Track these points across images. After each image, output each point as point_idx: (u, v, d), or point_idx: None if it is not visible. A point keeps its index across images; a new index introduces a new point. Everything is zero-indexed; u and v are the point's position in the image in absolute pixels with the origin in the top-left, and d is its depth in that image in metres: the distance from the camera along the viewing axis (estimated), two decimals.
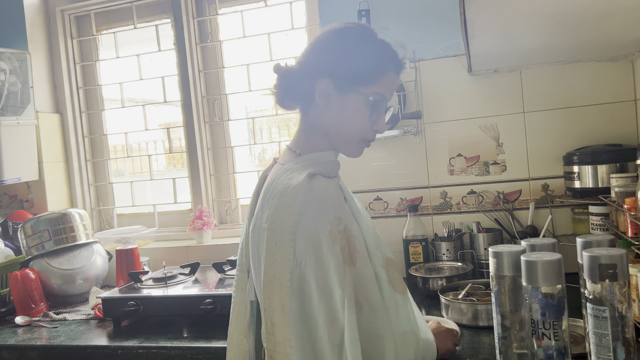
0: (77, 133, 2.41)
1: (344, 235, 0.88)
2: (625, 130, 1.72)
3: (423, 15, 1.87)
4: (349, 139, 1.03)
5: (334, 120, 1.01)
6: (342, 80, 0.99)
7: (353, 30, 1.02)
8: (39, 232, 1.95)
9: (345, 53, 1.00)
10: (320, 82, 0.99)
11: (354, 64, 0.99)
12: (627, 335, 0.85)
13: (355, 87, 0.99)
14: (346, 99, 1.00)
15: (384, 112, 1.03)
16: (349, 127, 1.01)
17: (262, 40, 2.20)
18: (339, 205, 0.92)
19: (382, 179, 1.94)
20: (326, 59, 1.01)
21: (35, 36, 2.31)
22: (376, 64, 1.00)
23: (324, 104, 1.00)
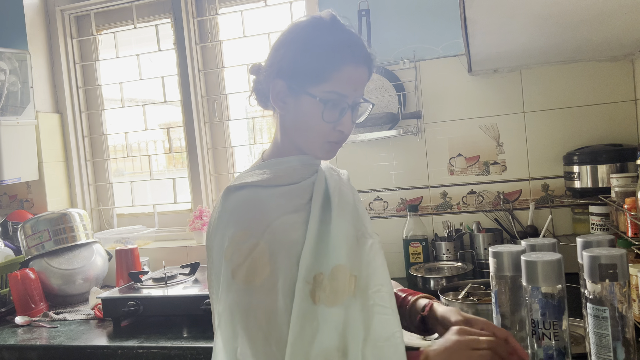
0: (77, 133, 2.41)
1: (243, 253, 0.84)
2: (626, 130, 1.72)
3: (423, 15, 1.87)
4: (311, 141, 0.96)
5: (292, 124, 0.96)
6: (293, 82, 0.93)
7: (303, 25, 0.95)
8: (38, 232, 1.95)
9: (293, 51, 0.93)
10: (274, 85, 0.94)
11: (301, 62, 0.92)
12: (627, 335, 0.85)
13: (305, 87, 0.92)
14: (299, 101, 0.93)
15: (343, 111, 0.93)
16: (307, 131, 0.95)
17: (262, 40, 2.20)
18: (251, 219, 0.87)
19: (382, 179, 1.94)
20: (277, 59, 0.95)
21: (35, 36, 2.31)
22: (325, 59, 0.90)
23: (280, 107, 0.95)
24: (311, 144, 0.96)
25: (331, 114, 0.92)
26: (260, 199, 0.90)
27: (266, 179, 0.93)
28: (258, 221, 0.87)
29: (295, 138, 0.97)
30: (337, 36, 0.92)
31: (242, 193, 0.90)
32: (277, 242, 0.87)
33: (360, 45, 0.94)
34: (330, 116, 0.92)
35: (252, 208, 0.89)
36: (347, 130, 0.95)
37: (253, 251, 0.84)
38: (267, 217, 0.88)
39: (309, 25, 0.94)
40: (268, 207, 0.89)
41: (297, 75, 0.92)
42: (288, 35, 0.96)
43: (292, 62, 0.92)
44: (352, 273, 0.88)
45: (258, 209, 0.89)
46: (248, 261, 0.84)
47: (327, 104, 0.91)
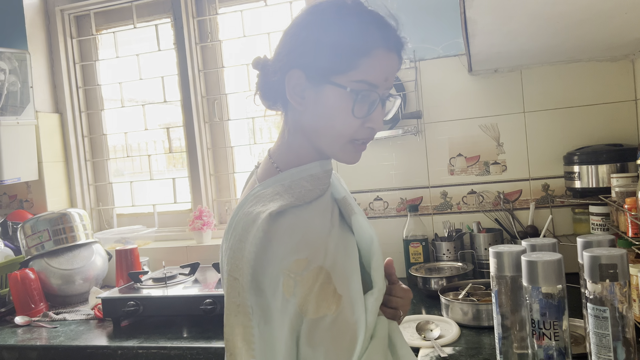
0: (76, 133, 2.41)
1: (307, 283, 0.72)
2: (626, 130, 1.72)
3: (423, 15, 1.87)
4: (333, 140, 0.82)
5: (312, 120, 0.82)
6: (314, 71, 0.79)
7: (323, 7, 0.81)
8: (38, 232, 1.95)
9: (314, 35, 0.79)
10: (290, 76, 0.80)
11: (324, 47, 0.78)
12: (627, 335, 0.85)
13: (329, 76, 0.78)
14: (321, 94, 0.79)
15: (375, 103, 0.80)
16: (330, 128, 0.81)
17: (262, 39, 2.20)
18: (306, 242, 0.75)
19: (382, 179, 1.94)
20: (295, 46, 0.81)
21: (35, 36, 2.31)
22: (353, 43, 0.77)
23: (297, 102, 0.81)
24: (333, 142, 0.83)
25: (361, 108, 0.79)
26: (305, 221, 0.78)
27: (299, 195, 0.80)
28: (314, 244, 0.76)
29: (316, 138, 0.84)
30: (365, 17, 0.80)
31: (288, 219, 0.76)
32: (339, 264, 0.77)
33: (391, 28, 0.82)
34: (360, 110, 0.79)
35: (304, 231, 0.76)
36: (378, 127, 0.82)
37: (318, 277, 0.73)
38: (322, 238, 0.77)
39: (331, 7, 0.80)
40: (316, 227, 0.78)
41: (318, 62, 0.78)
42: (305, 18, 0.82)
43: (313, 48, 0.79)
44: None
45: (310, 230, 0.77)
46: (315, 289, 0.72)
47: (358, 96, 0.78)
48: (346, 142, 0.83)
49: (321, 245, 0.76)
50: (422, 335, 1.27)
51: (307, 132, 0.84)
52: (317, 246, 0.75)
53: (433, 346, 1.21)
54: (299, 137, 0.85)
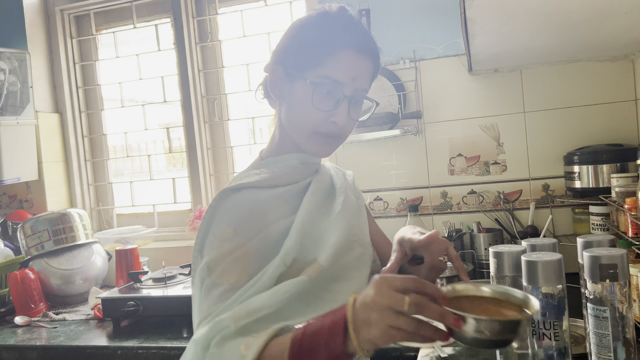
0: (76, 133, 2.41)
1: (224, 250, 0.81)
2: (626, 130, 1.72)
3: (423, 15, 1.87)
4: (300, 131, 0.91)
5: (287, 113, 0.91)
6: (291, 66, 0.89)
7: (312, 12, 0.93)
8: (38, 232, 1.95)
9: (292, 35, 0.91)
10: (273, 71, 0.91)
11: (298, 45, 0.89)
12: (627, 335, 0.85)
13: (302, 71, 0.87)
14: (293, 87, 0.89)
15: (339, 101, 0.87)
16: (298, 118, 0.90)
17: (262, 39, 2.20)
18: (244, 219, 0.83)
19: (382, 179, 1.94)
20: (282, 45, 0.92)
21: (35, 36, 2.30)
22: (322, 42, 0.86)
23: (277, 95, 0.92)
24: (302, 134, 0.91)
25: (323, 101, 0.87)
26: (257, 200, 0.86)
27: (264, 178, 0.89)
28: (251, 223, 0.84)
29: (290, 130, 0.93)
30: (337, 20, 0.89)
31: (239, 195, 0.85)
32: (269, 248, 0.84)
33: (362, 32, 0.89)
34: (322, 103, 0.87)
35: (248, 209, 0.85)
36: (341, 121, 0.88)
37: (235, 251, 0.81)
38: (263, 221, 0.85)
39: (316, 12, 0.92)
40: (265, 210, 0.86)
41: (294, 59, 0.88)
42: (295, 21, 0.94)
43: (290, 46, 0.90)
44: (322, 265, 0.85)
45: (255, 210, 0.85)
46: (227, 260, 0.81)
47: (317, 88, 0.86)
48: (311, 133, 0.90)
49: (257, 225, 0.83)
50: None
51: (285, 126, 0.93)
52: (251, 225, 0.83)
53: (433, 346, 1.21)
54: (282, 132, 0.95)
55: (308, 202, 0.90)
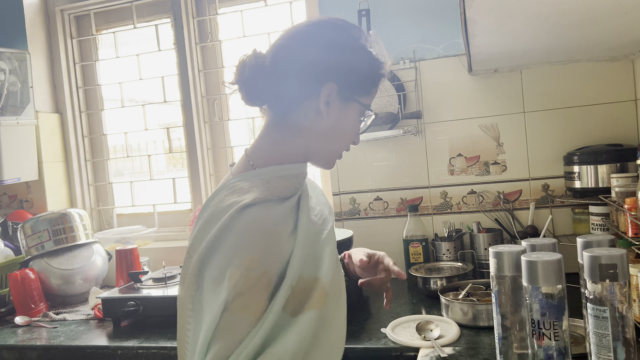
0: (76, 133, 2.41)
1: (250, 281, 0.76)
2: (626, 130, 1.72)
3: (423, 15, 1.87)
4: (335, 149, 0.95)
5: (327, 129, 0.91)
6: (346, 88, 0.90)
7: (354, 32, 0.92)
8: (38, 232, 1.95)
9: (352, 58, 0.90)
10: (327, 87, 0.89)
11: (360, 71, 0.91)
12: (627, 335, 0.85)
13: (357, 96, 0.92)
14: (346, 108, 0.92)
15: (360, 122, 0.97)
16: (341, 137, 0.94)
17: (262, 40, 2.20)
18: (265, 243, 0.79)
19: (382, 179, 1.94)
20: (332, 61, 0.89)
21: (35, 36, 2.31)
22: (374, 73, 0.93)
23: (324, 110, 0.90)
24: (333, 150, 0.96)
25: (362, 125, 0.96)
26: (273, 219, 0.81)
27: (274, 190, 0.85)
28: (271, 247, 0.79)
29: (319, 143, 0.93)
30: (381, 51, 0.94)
31: (255, 211, 0.80)
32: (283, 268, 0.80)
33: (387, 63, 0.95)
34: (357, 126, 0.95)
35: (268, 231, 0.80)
36: (358, 141, 0.99)
37: (260, 280, 0.77)
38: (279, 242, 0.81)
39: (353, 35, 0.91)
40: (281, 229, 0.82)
41: (349, 81, 0.90)
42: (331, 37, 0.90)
43: (345, 66, 0.90)
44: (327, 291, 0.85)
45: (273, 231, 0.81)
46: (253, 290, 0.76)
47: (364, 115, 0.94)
48: (337, 154, 0.97)
49: (276, 248, 0.80)
50: (422, 335, 1.27)
51: (313, 137, 0.92)
52: (271, 248, 0.79)
53: (433, 346, 1.21)
54: (295, 140, 0.93)
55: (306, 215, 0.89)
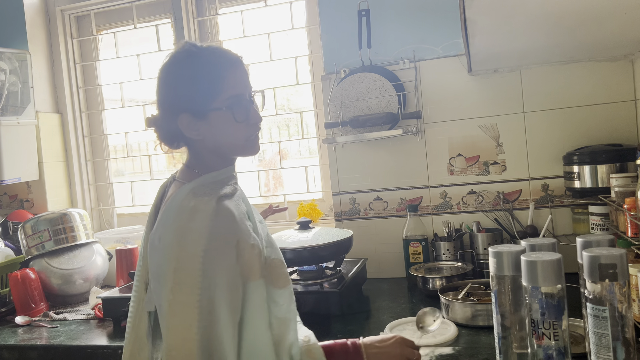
0: (77, 133, 2.41)
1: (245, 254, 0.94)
2: (625, 130, 1.72)
3: (423, 15, 1.87)
4: (235, 146, 1.04)
5: (214, 141, 1.02)
6: (196, 108, 1.00)
7: (178, 60, 1.02)
8: (39, 232, 1.95)
9: (183, 83, 1.00)
10: (180, 120, 1.00)
11: (194, 88, 0.99)
12: (627, 335, 0.85)
13: (210, 105, 0.99)
14: (209, 121, 1.00)
15: (248, 106, 1.03)
16: (228, 137, 1.02)
17: (262, 40, 2.21)
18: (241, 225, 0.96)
19: (382, 179, 1.94)
20: (172, 96, 1.02)
21: (36, 36, 2.31)
22: (210, 75, 1.00)
23: (195, 135, 1.01)
24: (238, 147, 1.05)
25: (241, 114, 1.01)
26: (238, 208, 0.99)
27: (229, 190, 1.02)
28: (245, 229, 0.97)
29: (223, 151, 1.05)
30: (206, 53, 1.02)
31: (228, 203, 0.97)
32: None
33: (226, 52, 1.03)
34: (241, 116, 1.01)
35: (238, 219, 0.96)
36: (259, 119, 1.05)
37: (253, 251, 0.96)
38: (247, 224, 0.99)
39: (179, 60, 1.02)
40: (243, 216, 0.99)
41: (196, 101, 0.99)
42: (168, 75, 1.02)
43: (185, 92, 1.00)
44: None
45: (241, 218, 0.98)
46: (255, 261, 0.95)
47: (233, 109, 1.00)
48: (245, 141, 1.04)
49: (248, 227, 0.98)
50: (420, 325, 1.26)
51: (214, 150, 1.05)
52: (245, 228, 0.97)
53: (432, 345, 1.22)
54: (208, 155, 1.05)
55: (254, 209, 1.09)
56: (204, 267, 0.89)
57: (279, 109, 2.26)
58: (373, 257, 1.93)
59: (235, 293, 0.92)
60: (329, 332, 1.39)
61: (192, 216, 0.93)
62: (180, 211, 0.94)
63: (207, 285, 0.89)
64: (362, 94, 1.89)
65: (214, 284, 0.89)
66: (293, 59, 2.17)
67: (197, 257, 0.89)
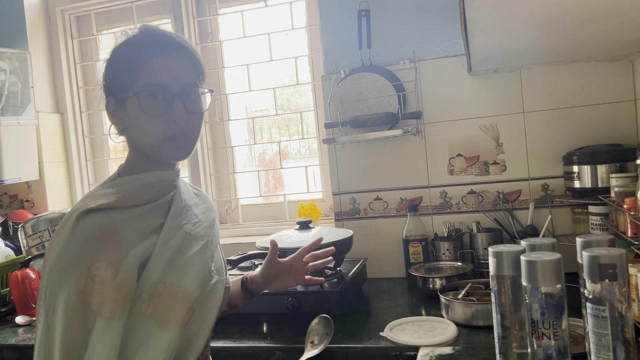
0: (77, 133, 2.41)
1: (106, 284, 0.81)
2: (625, 130, 1.72)
3: (423, 15, 1.87)
4: (151, 143, 0.92)
5: (132, 133, 0.94)
6: (116, 92, 0.93)
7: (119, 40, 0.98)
8: (39, 232, 1.95)
9: (107, 66, 0.96)
10: (107, 105, 0.95)
11: (114, 71, 0.94)
12: (626, 335, 0.86)
13: (126, 91, 0.91)
14: (127, 107, 0.92)
15: (170, 101, 0.91)
16: (142, 132, 0.92)
17: (262, 40, 2.21)
18: (105, 247, 0.83)
19: (382, 179, 1.94)
20: (103, 80, 0.97)
21: (36, 36, 2.31)
22: (131, 58, 0.92)
23: (117, 123, 0.95)
24: (154, 146, 0.92)
25: (155, 107, 0.90)
26: (114, 226, 0.85)
27: (119, 199, 0.88)
28: (114, 251, 0.84)
29: (141, 148, 0.95)
30: (139, 37, 0.94)
31: (94, 219, 0.84)
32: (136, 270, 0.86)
33: (165, 36, 0.94)
34: (155, 109, 0.90)
35: (106, 237, 0.84)
36: (180, 118, 0.92)
37: (113, 280, 0.82)
38: (124, 246, 0.85)
39: (119, 43, 0.97)
40: (124, 235, 0.86)
41: (115, 84, 0.93)
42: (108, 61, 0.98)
43: (108, 75, 0.95)
44: (193, 305, 0.91)
45: (113, 238, 0.84)
46: (111, 292, 0.81)
47: (143, 96, 0.90)
48: (161, 141, 0.92)
49: (122, 252, 0.84)
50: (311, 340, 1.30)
51: (136, 146, 0.96)
52: (117, 253, 0.83)
53: (432, 345, 1.22)
54: (134, 152, 0.97)
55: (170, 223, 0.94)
56: (47, 286, 0.82)
57: (279, 109, 2.26)
58: (373, 257, 1.93)
59: (74, 326, 0.80)
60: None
61: (59, 228, 0.85)
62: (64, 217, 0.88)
63: (46, 309, 0.81)
64: (362, 94, 1.89)
65: (53, 309, 0.80)
66: (293, 59, 2.17)
67: (44, 274, 0.82)
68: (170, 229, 0.94)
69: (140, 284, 0.87)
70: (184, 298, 0.89)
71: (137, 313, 0.85)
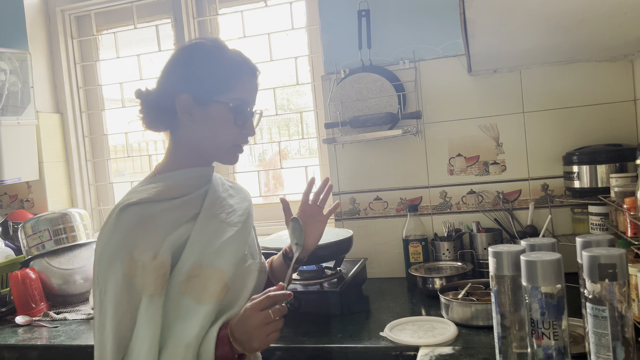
0: (77, 133, 2.41)
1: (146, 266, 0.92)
2: (625, 130, 1.72)
3: (423, 15, 1.87)
4: (219, 147, 1.05)
5: (201, 133, 1.03)
6: (200, 93, 1.01)
7: (203, 44, 1.05)
8: (39, 232, 1.95)
9: (198, 66, 1.02)
10: (179, 99, 1.01)
11: (208, 74, 1.01)
12: (626, 334, 0.86)
13: (213, 96, 1.01)
14: (208, 110, 1.02)
15: (250, 115, 1.06)
16: (216, 136, 1.03)
17: (262, 40, 2.21)
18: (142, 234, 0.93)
19: (382, 179, 1.94)
20: (181, 75, 1.03)
21: (36, 36, 2.31)
22: (229, 71, 1.02)
23: (187, 118, 1.02)
24: (219, 148, 1.05)
25: (240, 119, 1.03)
26: (152, 215, 0.96)
27: (157, 192, 0.99)
28: (152, 237, 0.94)
29: (203, 146, 1.05)
30: (232, 52, 1.06)
31: (134, 210, 0.95)
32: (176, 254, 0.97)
33: (250, 60, 1.07)
34: (240, 121, 1.03)
35: (144, 226, 0.94)
36: (252, 132, 1.07)
37: (153, 262, 0.92)
38: (161, 233, 0.96)
39: (205, 46, 1.05)
40: (160, 223, 0.96)
41: (203, 86, 1.01)
42: (185, 55, 1.04)
43: (198, 75, 1.01)
44: (227, 283, 0.99)
45: (151, 226, 0.95)
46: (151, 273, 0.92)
47: (236, 108, 1.02)
48: (230, 147, 1.06)
49: (159, 238, 0.95)
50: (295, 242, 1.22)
51: (196, 143, 1.05)
52: (155, 239, 0.94)
53: (432, 345, 1.22)
54: (185, 149, 1.06)
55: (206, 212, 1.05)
56: (99, 271, 0.93)
57: (279, 109, 2.26)
58: (373, 257, 1.93)
59: (123, 304, 0.91)
60: (329, 332, 1.39)
61: (105, 221, 0.96)
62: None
63: (100, 291, 0.93)
64: (362, 94, 1.89)
65: (104, 290, 0.92)
66: (293, 59, 2.18)
67: (95, 261, 0.94)
68: (206, 217, 1.03)
69: (179, 266, 0.96)
70: (219, 277, 0.98)
71: (177, 292, 0.95)
